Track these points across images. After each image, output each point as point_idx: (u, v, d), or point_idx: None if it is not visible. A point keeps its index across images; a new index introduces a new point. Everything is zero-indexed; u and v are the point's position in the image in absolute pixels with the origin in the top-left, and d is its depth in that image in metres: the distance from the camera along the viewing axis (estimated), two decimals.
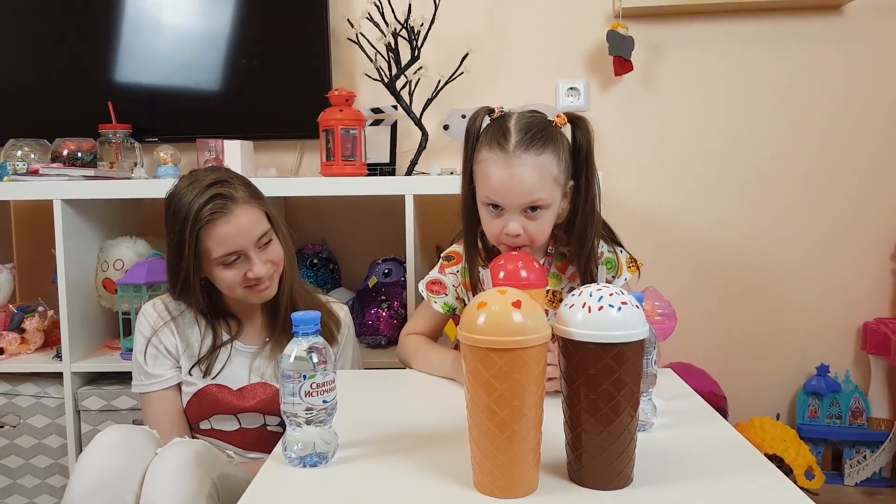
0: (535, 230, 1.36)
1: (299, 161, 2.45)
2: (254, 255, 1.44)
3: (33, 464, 2.02)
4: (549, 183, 1.34)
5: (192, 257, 1.41)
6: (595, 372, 0.85)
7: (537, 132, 1.34)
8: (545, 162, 1.33)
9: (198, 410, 1.54)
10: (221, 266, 1.43)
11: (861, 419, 2.27)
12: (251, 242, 1.43)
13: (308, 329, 0.98)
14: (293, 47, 2.30)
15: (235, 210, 1.42)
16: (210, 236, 1.40)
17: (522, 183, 1.32)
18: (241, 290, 1.46)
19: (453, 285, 1.53)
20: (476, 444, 0.87)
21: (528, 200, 1.33)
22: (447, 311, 1.53)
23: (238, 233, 1.41)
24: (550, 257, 1.49)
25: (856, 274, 2.37)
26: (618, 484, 0.88)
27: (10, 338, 2.07)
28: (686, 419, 1.14)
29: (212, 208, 1.39)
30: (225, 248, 1.41)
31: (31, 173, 2.00)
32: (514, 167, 1.32)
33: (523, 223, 1.35)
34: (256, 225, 1.45)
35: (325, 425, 0.98)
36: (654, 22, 2.33)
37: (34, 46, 2.36)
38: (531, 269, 1.17)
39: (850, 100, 2.32)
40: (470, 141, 1.40)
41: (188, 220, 1.39)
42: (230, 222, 1.41)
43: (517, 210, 1.34)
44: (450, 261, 1.55)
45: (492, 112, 1.40)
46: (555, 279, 1.48)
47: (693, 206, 2.39)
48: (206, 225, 1.39)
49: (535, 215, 1.35)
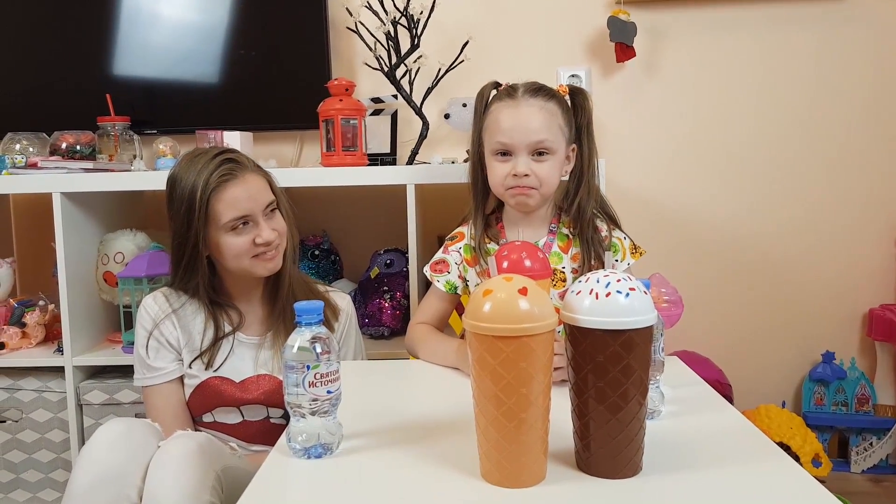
0: (542, 173, 1.44)
1: (299, 152, 2.43)
2: (262, 220, 1.46)
3: (36, 458, 2.01)
4: (554, 129, 1.45)
5: (201, 224, 1.42)
6: (603, 359, 0.84)
7: (542, 87, 1.48)
8: (551, 108, 1.46)
9: (200, 403, 1.53)
10: (231, 232, 1.44)
11: (867, 406, 2.27)
12: (260, 208, 1.46)
13: (311, 319, 0.97)
14: (292, 37, 2.28)
15: (245, 174, 1.46)
16: (220, 199, 1.42)
17: (531, 121, 1.43)
18: (248, 261, 1.47)
19: (455, 263, 1.58)
20: (483, 434, 0.86)
21: (536, 140, 1.43)
22: (449, 289, 1.57)
23: (248, 196, 1.44)
24: (553, 234, 1.53)
25: (861, 260, 2.35)
26: (627, 472, 0.87)
27: (11, 332, 2.06)
28: (694, 407, 1.13)
29: (222, 171, 1.43)
30: (235, 210, 1.43)
31: (29, 166, 1.99)
32: (522, 108, 1.44)
33: (531, 165, 1.43)
34: (264, 192, 1.49)
35: (330, 416, 0.97)
36: (655, 7, 2.31)
37: (32, 39, 2.34)
38: (535, 258, 1.16)
39: (854, 86, 2.30)
40: (479, 110, 1.53)
41: (198, 187, 1.41)
42: (240, 185, 1.44)
43: (525, 151, 1.43)
44: (453, 240, 1.61)
45: (499, 86, 1.54)
46: (556, 257, 1.51)
47: (696, 193, 2.38)
48: (216, 188, 1.42)
49: (541, 159, 1.44)
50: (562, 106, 1.48)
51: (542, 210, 1.54)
